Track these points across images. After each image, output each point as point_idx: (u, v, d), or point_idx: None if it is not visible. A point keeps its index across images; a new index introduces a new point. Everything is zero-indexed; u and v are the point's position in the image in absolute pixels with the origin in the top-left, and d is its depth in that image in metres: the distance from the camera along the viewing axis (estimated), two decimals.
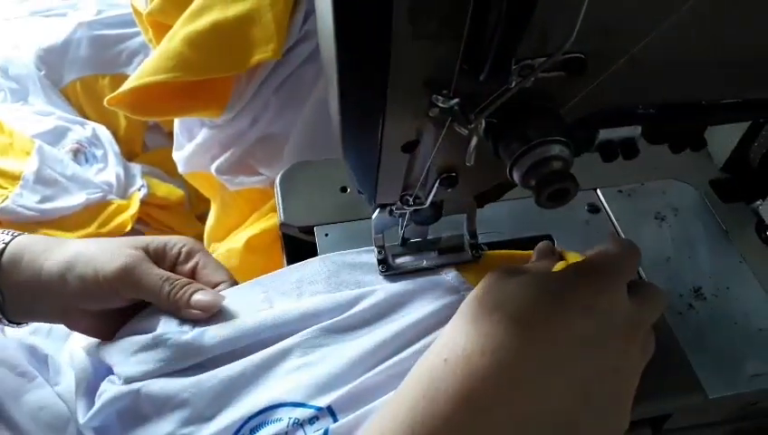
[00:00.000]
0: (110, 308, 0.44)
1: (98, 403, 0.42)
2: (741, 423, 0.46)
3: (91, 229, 1.16)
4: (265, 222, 0.76)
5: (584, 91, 0.31)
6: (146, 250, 0.45)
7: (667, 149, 0.39)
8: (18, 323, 0.47)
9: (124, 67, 1.31)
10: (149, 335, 0.42)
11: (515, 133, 0.30)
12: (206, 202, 1.18)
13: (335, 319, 0.42)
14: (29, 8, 1.42)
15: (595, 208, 0.53)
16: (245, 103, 0.71)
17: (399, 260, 0.46)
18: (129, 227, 1.19)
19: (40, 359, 0.54)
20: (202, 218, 1.32)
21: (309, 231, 0.51)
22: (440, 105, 0.30)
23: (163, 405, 0.40)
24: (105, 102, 0.64)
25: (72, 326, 0.46)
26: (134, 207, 1.22)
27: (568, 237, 0.51)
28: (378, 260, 0.46)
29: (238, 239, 0.77)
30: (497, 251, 0.48)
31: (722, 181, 0.56)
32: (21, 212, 1.08)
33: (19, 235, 0.46)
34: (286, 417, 0.38)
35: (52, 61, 1.31)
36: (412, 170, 0.37)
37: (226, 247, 0.78)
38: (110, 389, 0.42)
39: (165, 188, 1.31)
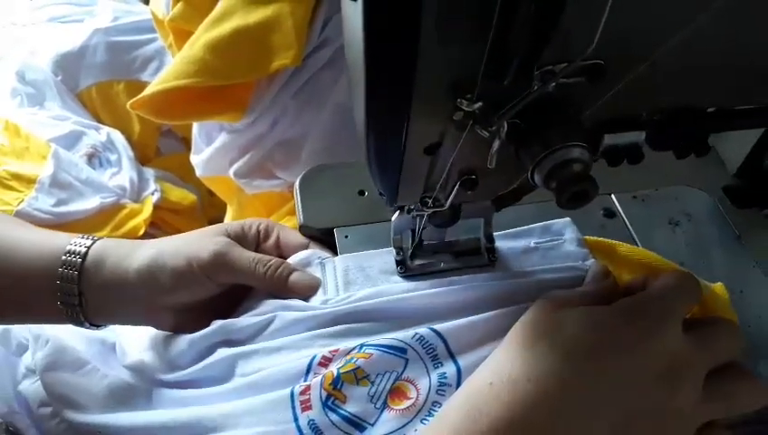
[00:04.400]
0: (200, 299, 0.45)
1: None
2: (758, 426, 0.46)
3: (105, 233, 1.16)
4: None
5: (602, 96, 0.32)
6: (228, 235, 0.47)
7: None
8: (98, 326, 0.47)
9: (139, 73, 1.33)
10: (300, 312, 0.43)
11: (537, 137, 0.31)
12: (218, 207, 1.19)
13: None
14: (46, 14, 1.44)
15: (610, 213, 0.54)
16: (265, 108, 0.72)
17: (417, 262, 0.47)
18: (142, 231, 1.20)
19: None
20: (213, 223, 1.33)
21: (328, 233, 0.52)
22: (464, 108, 0.30)
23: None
24: (128, 106, 0.65)
25: (156, 324, 0.46)
26: (147, 211, 1.23)
27: None
28: (396, 261, 0.47)
29: None
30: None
31: (735, 187, 0.56)
32: (36, 215, 1.09)
33: (99, 239, 0.46)
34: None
35: (68, 66, 1.33)
36: (433, 173, 0.38)
37: None
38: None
39: (178, 192, 1.32)
